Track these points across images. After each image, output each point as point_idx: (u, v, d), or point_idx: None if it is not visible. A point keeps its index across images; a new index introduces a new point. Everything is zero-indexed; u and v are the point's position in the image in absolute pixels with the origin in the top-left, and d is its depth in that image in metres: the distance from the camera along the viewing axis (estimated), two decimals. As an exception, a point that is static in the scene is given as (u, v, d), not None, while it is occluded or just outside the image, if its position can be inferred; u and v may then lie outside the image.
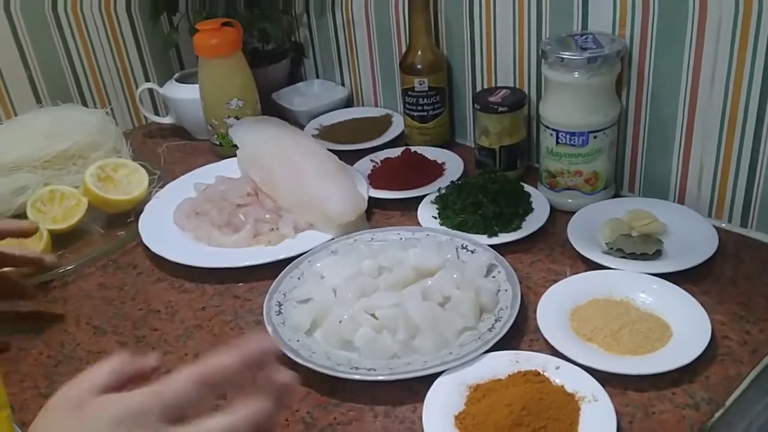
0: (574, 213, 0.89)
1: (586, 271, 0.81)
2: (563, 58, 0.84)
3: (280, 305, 0.79)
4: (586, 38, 0.86)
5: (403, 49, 1.13)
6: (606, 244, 0.83)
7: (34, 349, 0.80)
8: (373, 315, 0.73)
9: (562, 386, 0.64)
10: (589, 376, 0.64)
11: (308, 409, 0.68)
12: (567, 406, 0.62)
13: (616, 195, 0.95)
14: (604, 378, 0.64)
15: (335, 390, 0.69)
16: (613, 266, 0.79)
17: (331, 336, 0.74)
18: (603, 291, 0.76)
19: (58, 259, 0.94)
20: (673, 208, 0.89)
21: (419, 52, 1.07)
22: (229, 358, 0.44)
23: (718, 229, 0.84)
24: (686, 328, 0.70)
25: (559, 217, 0.92)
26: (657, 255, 0.80)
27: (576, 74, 0.84)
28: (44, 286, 0.91)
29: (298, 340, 0.73)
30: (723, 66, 0.80)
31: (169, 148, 1.26)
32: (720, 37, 0.79)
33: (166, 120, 1.29)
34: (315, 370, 0.69)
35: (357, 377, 0.68)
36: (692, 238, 0.83)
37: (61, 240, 0.97)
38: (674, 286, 0.74)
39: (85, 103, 1.28)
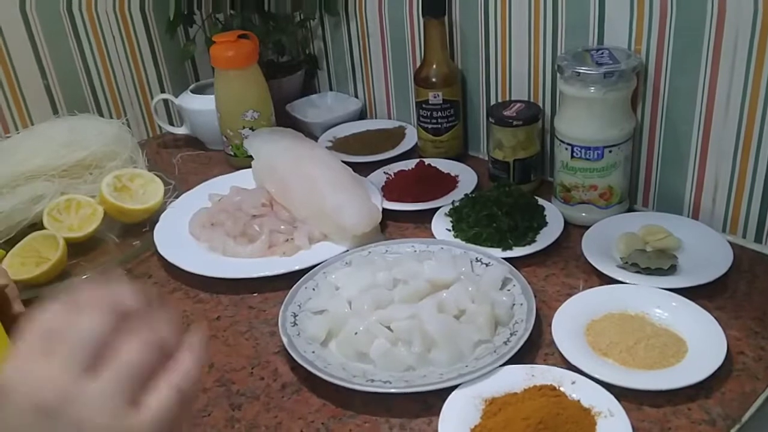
0: (588, 227, 0.89)
1: (600, 285, 0.81)
2: (579, 73, 0.84)
3: (295, 316, 0.79)
4: (602, 53, 0.87)
5: (418, 62, 1.14)
6: (621, 258, 0.83)
7: (51, 357, 0.81)
8: (388, 327, 0.73)
9: (578, 401, 0.64)
10: (605, 391, 0.64)
11: (323, 420, 0.68)
12: (583, 420, 0.62)
13: (630, 209, 0.95)
14: (620, 393, 0.64)
15: (350, 402, 0.69)
16: (627, 281, 0.79)
17: (346, 348, 0.74)
18: (618, 306, 0.76)
19: (74, 268, 0.95)
20: (687, 223, 0.89)
21: (434, 66, 1.07)
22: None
23: (733, 245, 0.84)
24: (702, 343, 0.70)
25: (573, 231, 0.92)
26: (672, 270, 0.81)
27: (592, 89, 0.85)
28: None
29: (313, 352, 0.74)
30: (739, 82, 0.81)
31: (184, 158, 1.27)
32: (737, 54, 0.80)
33: (181, 130, 1.30)
34: (330, 382, 0.70)
35: (372, 389, 0.68)
36: (707, 253, 0.83)
37: (76, 249, 0.98)
38: (689, 301, 0.75)
39: (101, 113, 1.30)
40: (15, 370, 0.37)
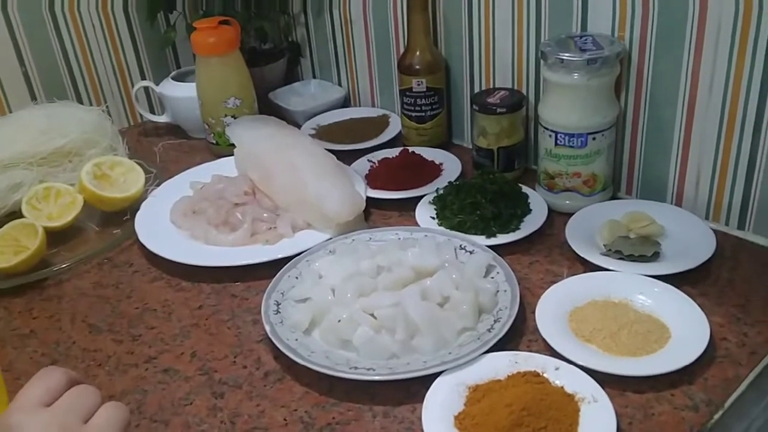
0: (572, 214, 0.89)
1: (584, 272, 0.81)
2: (563, 60, 0.84)
3: (278, 304, 0.78)
4: (586, 40, 0.87)
5: (401, 49, 1.13)
6: (604, 245, 0.83)
7: (29, 347, 0.80)
8: (371, 315, 0.73)
9: (562, 387, 0.64)
10: (589, 377, 0.64)
11: (306, 408, 0.68)
12: (567, 406, 0.62)
13: (614, 197, 0.95)
14: (603, 379, 0.65)
15: (334, 390, 0.69)
16: (611, 268, 0.79)
17: (329, 335, 0.73)
18: (601, 292, 0.76)
19: (54, 257, 0.94)
20: (670, 210, 0.89)
21: (417, 53, 1.07)
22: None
23: (716, 232, 0.84)
24: (685, 329, 0.70)
25: (557, 218, 0.92)
26: (655, 257, 0.81)
27: (575, 75, 0.84)
28: (39, 284, 0.90)
29: (296, 339, 0.73)
30: (722, 69, 0.81)
31: (165, 146, 1.25)
32: (719, 40, 0.80)
33: (162, 118, 1.29)
34: (313, 370, 0.69)
35: (356, 377, 0.68)
36: (690, 240, 0.83)
37: (56, 237, 0.97)
38: (672, 287, 0.75)
39: (80, 101, 1.28)
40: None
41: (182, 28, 1.30)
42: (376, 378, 0.68)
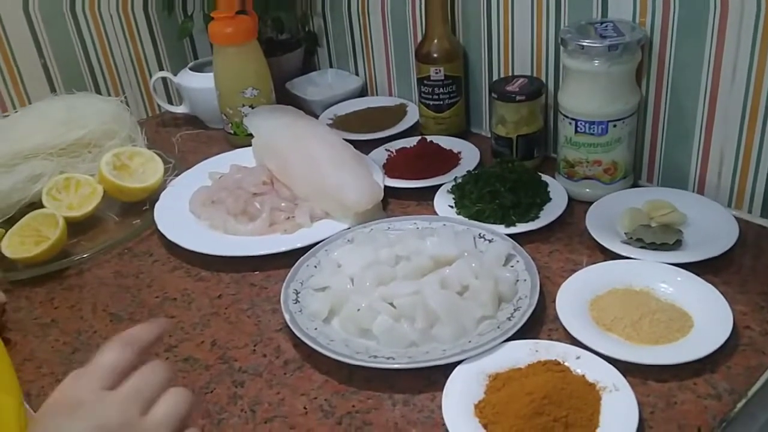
0: (592, 203, 0.88)
1: (605, 261, 0.80)
2: (583, 46, 0.83)
3: (297, 293, 0.78)
4: (606, 26, 0.86)
5: (419, 38, 1.13)
6: (625, 234, 0.83)
7: (51, 336, 0.81)
8: (391, 304, 0.73)
9: (583, 376, 0.64)
10: (610, 366, 0.64)
11: (326, 396, 0.68)
12: (588, 395, 0.61)
13: (635, 185, 0.94)
14: (625, 368, 0.64)
15: (353, 378, 0.69)
16: (632, 256, 0.78)
17: (348, 324, 0.73)
18: (623, 281, 0.75)
19: (74, 247, 0.94)
20: (692, 198, 0.88)
21: (435, 41, 1.06)
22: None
23: (739, 220, 0.83)
24: (707, 318, 0.69)
25: (577, 207, 0.91)
26: (677, 245, 0.80)
27: (596, 62, 0.83)
28: (60, 274, 0.91)
29: (315, 328, 0.73)
30: (745, 55, 0.79)
31: (183, 137, 1.26)
32: (742, 26, 0.78)
33: (180, 109, 1.29)
34: (333, 358, 0.69)
35: (376, 365, 0.68)
36: (712, 228, 0.82)
37: (76, 228, 0.97)
38: (695, 276, 0.74)
39: (99, 92, 1.28)
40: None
41: (200, 18, 1.30)
42: (396, 366, 0.68)
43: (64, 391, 0.46)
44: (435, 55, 1.06)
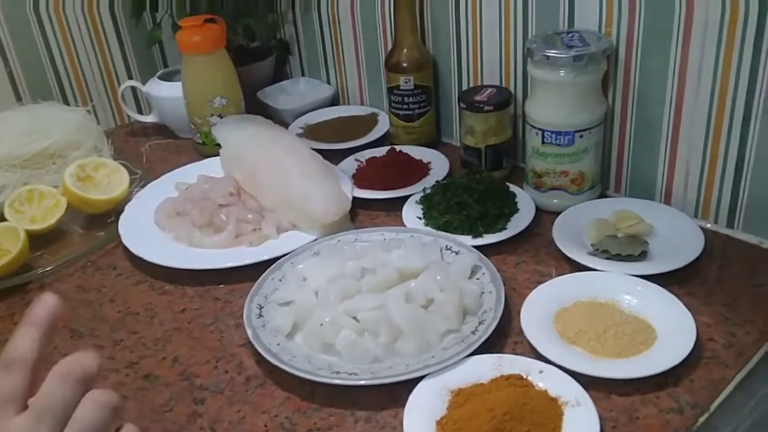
0: (559, 213, 0.88)
1: (571, 272, 0.80)
2: (549, 56, 0.83)
3: (260, 308, 0.77)
4: (572, 36, 0.85)
5: (389, 47, 1.12)
6: (591, 245, 0.82)
7: (10, 352, 0.79)
8: (355, 318, 0.72)
9: (546, 390, 0.63)
10: (573, 381, 0.63)
11: (287, 414, 0.67)
12: (550, 410, 0.61)
13: (602, 195, 0.94)
14: (588, 382, 0.63)
15: (315, 395, 0.68)
16: (598, 267, 0.78)
17: (312, 339, 0.72)
18: (588, 293, 0.75)
19: (37, 260, 0.93)
20: (659, 208, 0.88)
21: (405, 50, 1.05)
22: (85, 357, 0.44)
23: (705, 230, 0.83)
24: (671, 330, 0.69)
25: (544, 217, 0.91)
26: (643, 256, 0.80)
27: (562, 72, 0.83)
28: (22, 288, 0.89)
29: (278, 344, 0.72)
30: (709, 66, 0.79)
31: (152, 147, 1.24)
32: (706, 38, 0.78)
33: (149, 118, 1.27)
34: (295, 375, 0.68)
35: (338, 382, 0.67)
36: (678, 239, 0.82)
37: (39, 240, 0.95)
38: (659, 287, 0.74)
39: (66, 101, 1.26)
40: None
41: (168, 26, 1.29)
42: (359, 383, 0.67)
43: None
44: (404, 65, 1.06)
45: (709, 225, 0.87)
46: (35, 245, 0.94)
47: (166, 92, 1.20)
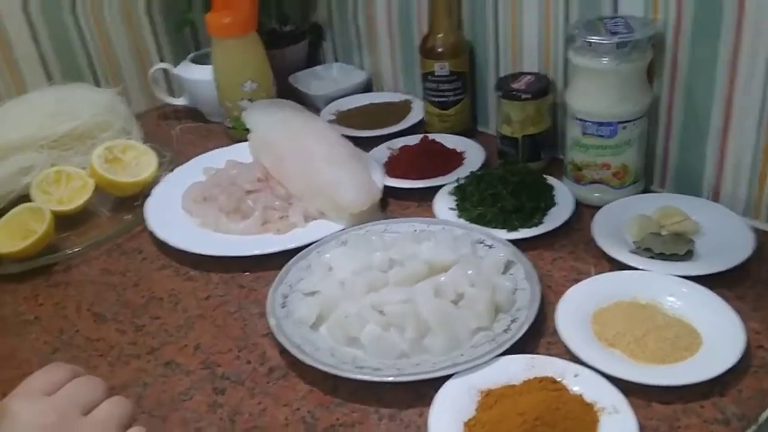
0: (600, 208, 0.84)
1: (611, 270, 0.76)
2: (591, 43, 0.79)
3: (285, 297, 0.75)
4: (617, 22, 0.81)
5: (424, 32, 1.08)
6: (633, 242, 0.78)
7: (32, 334, 0.78)
8: (381, 311, 0.69)
9: (581, 395, 0.60)
10: (611, 385, 0.60)
11: (309, 408, 0.64)
12: (585, 417, 0.57)
13: (646, 190, 0.90)
14: (627, 388, 0.60)
15: (339, 389, 0.66)
16: (640, 267, 0.74)
17: (336, 332, 0.70)
18: (628, 293, 0.71)
19: (64, 242, 0.92)
20: (706, 205, 0.84)
21: (440, 35, 1.02)
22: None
23: (755, 230, 0.78)
24: (717, 336, 0.65)
25: (584, 212, 0.87)
26: (688, 256, 0.75)
27: (604, 60, 0.79)
28: (47, 269, 0.88)
29: (301, 335, 0.70)
30: (764, 54, 0.75)
31: (183, 130, 1.23)
32: (760, 24, 0.73)
33: (180, 101, 1.26)
34: (318, 368, 0.66)
35: (362, 377, 0.64)
36: (726, 238, 0.77)
37: (66, 222, 0.95)
38: (706, 289, 0.69)
39: (98, 84, 1.25)
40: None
41: (201, 8, 1.27)
42: (383, 379, 0.64)
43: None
44: (440, 50, 1.02)
45: (759, 224, 0.82)
46: (62, 227, 0.93)
47: (197, 75, 1.19)
